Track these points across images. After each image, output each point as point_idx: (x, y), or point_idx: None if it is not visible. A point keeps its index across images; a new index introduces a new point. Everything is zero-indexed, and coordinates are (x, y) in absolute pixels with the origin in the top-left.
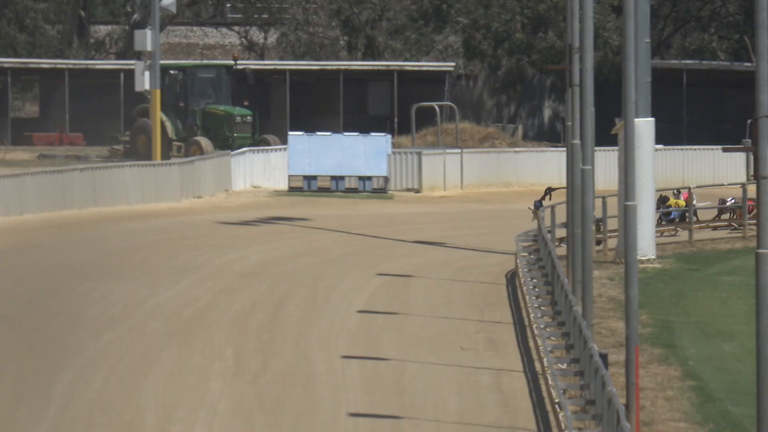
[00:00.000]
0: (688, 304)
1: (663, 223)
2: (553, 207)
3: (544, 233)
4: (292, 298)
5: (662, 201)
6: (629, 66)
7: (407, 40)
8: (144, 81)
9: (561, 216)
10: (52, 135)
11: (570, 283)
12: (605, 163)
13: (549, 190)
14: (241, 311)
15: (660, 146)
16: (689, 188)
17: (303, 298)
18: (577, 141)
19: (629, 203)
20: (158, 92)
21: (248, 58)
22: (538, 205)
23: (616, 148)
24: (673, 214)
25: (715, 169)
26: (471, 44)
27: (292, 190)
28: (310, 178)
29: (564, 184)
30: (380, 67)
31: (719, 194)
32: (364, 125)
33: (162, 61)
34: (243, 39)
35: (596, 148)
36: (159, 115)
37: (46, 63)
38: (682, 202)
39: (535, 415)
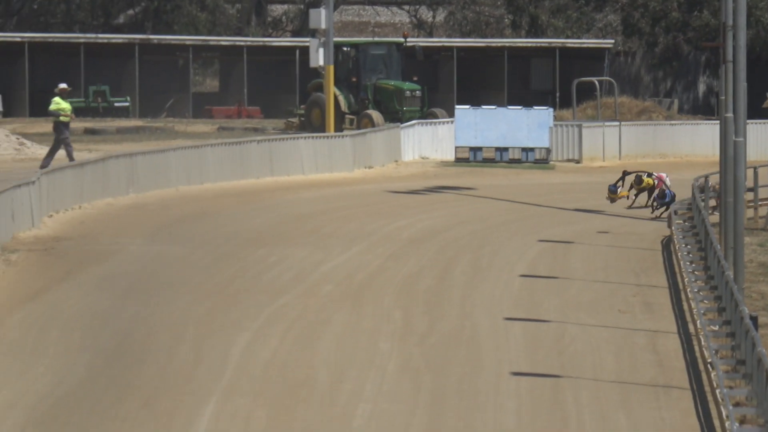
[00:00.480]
0: None
1: (656, 205)
2: (707, 177)
3: (698, 202)
4: (458, 263)
5: (638, 182)
6: None
7: (569, 18)
8: (318, 57)
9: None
10: (231, 109)
11: (722, 249)
12: (756, 135)
13: (625, 174)
14: (409, 275)
15: None
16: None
17: (468, 262)
18: (730, 114)
19: None
20: (332, 68)
21: (417, 36)
22: (613, 189)
23: (766, 121)
24: (667, 196)
25: None
26: (629, 22)
27: (458, 160)
28: (475, 150)
29: (640, 169)
30: (543, 44)
31: None
32: (527, 99)
33: (335, 39)
34: (412, 17)
35: (748, 121)
36: (332, 89)
37: (225, 40)
38: (650, 181)
39: (688, 374)
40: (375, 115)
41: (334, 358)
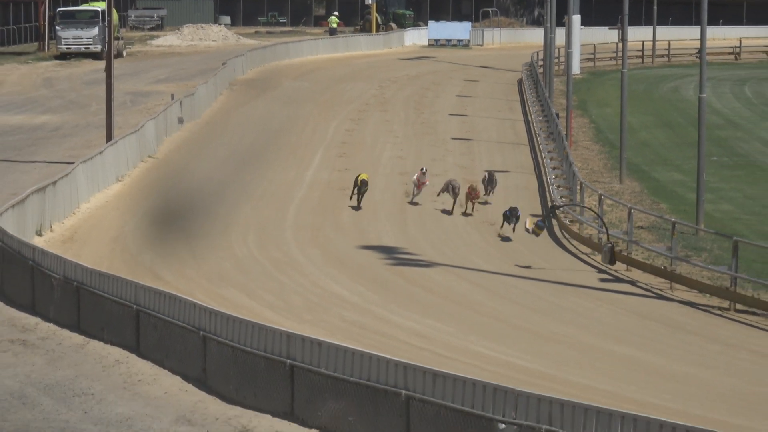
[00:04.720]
0: (593, 93)
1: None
2: (537, 53)
3: (534, 63)
4: (427, 92)
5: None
6: None
7: None
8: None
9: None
10: (324, 22)
11: (544, 83)
12: (560, 35)
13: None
14: (407, 95)
15: (582, 27)
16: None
17: (433, 92)
18: (548, 25)
19: (570, 50)
20: (375, 4)
21: None
22: (541, 225)
23: (563, 28)
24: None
25: (606, 36)
26: None
27: (429, 45)
28: (437, 40)
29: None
30: None
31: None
32: (460, 18)
33: None
34: None
35: (557, 28)
36: (375, 13)
37: None
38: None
39: (528, 138)
40: (393, 26)
41: (373, 131)
